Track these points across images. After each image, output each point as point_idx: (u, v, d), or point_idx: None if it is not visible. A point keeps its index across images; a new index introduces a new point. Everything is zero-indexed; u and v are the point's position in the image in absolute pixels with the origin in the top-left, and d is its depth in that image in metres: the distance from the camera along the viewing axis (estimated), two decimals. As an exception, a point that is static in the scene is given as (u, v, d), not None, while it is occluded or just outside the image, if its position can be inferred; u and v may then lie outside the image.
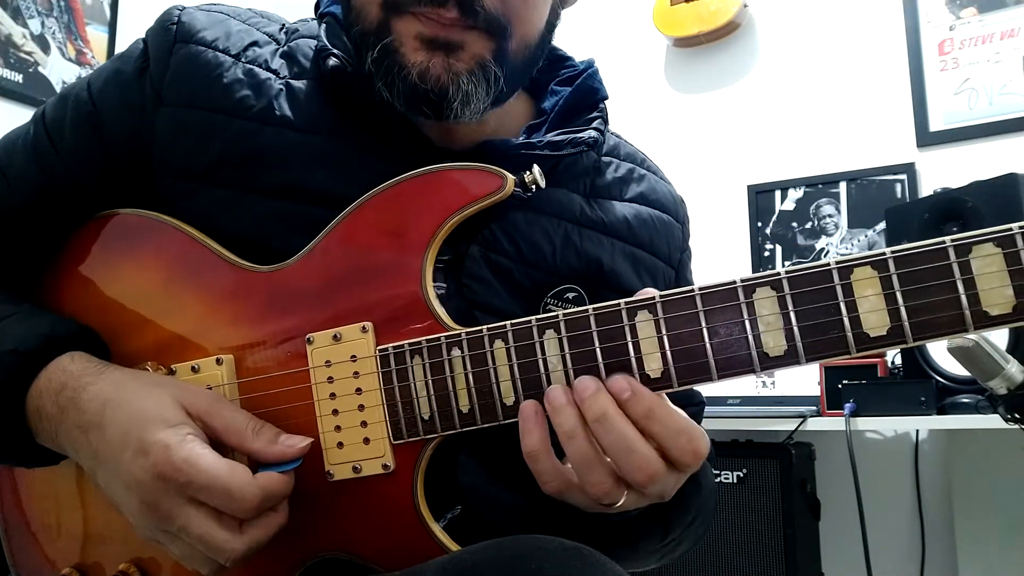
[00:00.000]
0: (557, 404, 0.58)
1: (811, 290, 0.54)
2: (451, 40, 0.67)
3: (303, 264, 0.68)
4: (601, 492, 0.59)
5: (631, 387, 0.57)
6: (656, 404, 0.57)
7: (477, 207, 0.65)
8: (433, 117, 0.70)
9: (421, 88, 0.67)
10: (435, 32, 0.67)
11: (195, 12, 0.77)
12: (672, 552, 0.79)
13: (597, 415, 0.57)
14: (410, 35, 0.67)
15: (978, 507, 2.04)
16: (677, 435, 0.58)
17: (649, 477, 0.57)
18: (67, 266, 0.77)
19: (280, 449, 0.62)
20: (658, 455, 0.58)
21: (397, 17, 0.67)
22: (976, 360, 0.91)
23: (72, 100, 0.76)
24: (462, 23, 0.67)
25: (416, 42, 0.67)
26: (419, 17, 0.67)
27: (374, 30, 0.69)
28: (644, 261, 0.80)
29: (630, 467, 0.57)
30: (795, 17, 2.63)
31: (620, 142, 0.87)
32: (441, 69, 0.67)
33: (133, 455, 0.59)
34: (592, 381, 0.58)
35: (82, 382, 0.65)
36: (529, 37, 0.72)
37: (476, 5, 0.66)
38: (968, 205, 1.81)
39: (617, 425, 0.57)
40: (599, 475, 0.58)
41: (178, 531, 0.59)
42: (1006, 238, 0.50)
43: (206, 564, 0.60)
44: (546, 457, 0.59)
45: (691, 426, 0.59)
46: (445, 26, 0.67)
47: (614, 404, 0.57)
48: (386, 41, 0.68)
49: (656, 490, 0.59)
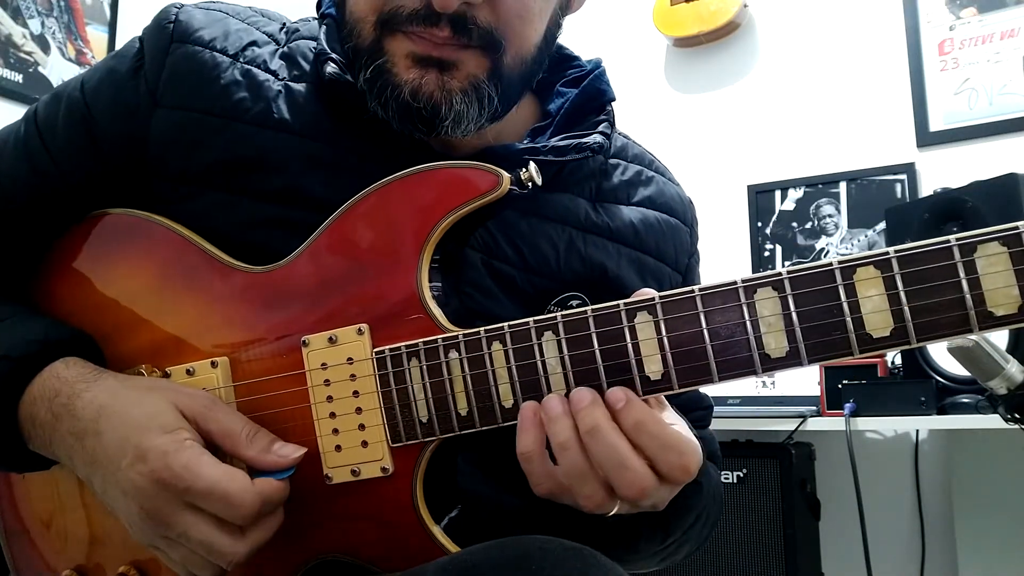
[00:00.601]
0: (553, 414, 0.57)
1: (813, 290, 0.54)
2: (444, 59, 0.67)
3: (297, 265, 0.67)
4: (592, 505, 0.58)
5: (626, 398, 0.57)
6: (647, 417, 0.57)
7: (473, 206, 0.64)
8: (426, 133, 0.69)
9: (414, 106, 0.67)
10: (427, 51, 0.67)
11: (193, 11, 0.76)
12: (675, 554, 0.78)
13: (589, 427, 0.56)
14: (402, 54, 0.67)
15: (978, 507, 2.03)
16: (665, 450, 0.57)
17: (640, 492, 0.57)
18: (58, 267, 0.76)
19: (273, 459, 0.62)
20: (650, 469, 0.57)
21: (390, 36, 0.67)
22: (976, 360, 0.90)
23: (65, 99, 0.75)
24: (456, 41, 0.66)
25: (408, 60, 0.67)
26: (411, 36, 0.66)
27: (367, 48, 0.68)
28: (650, 267, 0.79)
29: (621, 482, 0.57)
30: (795, 17, 2.63)
31: (628, 143, 0.86)
32: (434, 86, 0.67)
33: (131, 462, 0.59)
34: (588, 393, 0.57)
35: (76, 389, 0.64)
36: (525, 51, 0.71)
37: (469, 23, 0.65)
38: (968, 205, 1.80)
39: (609, 438, 0.56)
40: (591, 488, 0.58)
41: (178, 537, 0.59)
42: (1012, 237, 0.49)
43: (207, 568, 0.60)
44: (539, 459, 0.59)
45: (681, 441, 0.58)
46: (438, 45, 0.66)
47: (608, 417, 0.57)
48: (379, 61, 0.68)
49: (648, 503, 0.59)
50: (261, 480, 0.60)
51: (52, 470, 0.72)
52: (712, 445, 0.85)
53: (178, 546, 0.60)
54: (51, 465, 0.70)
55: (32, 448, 0.67)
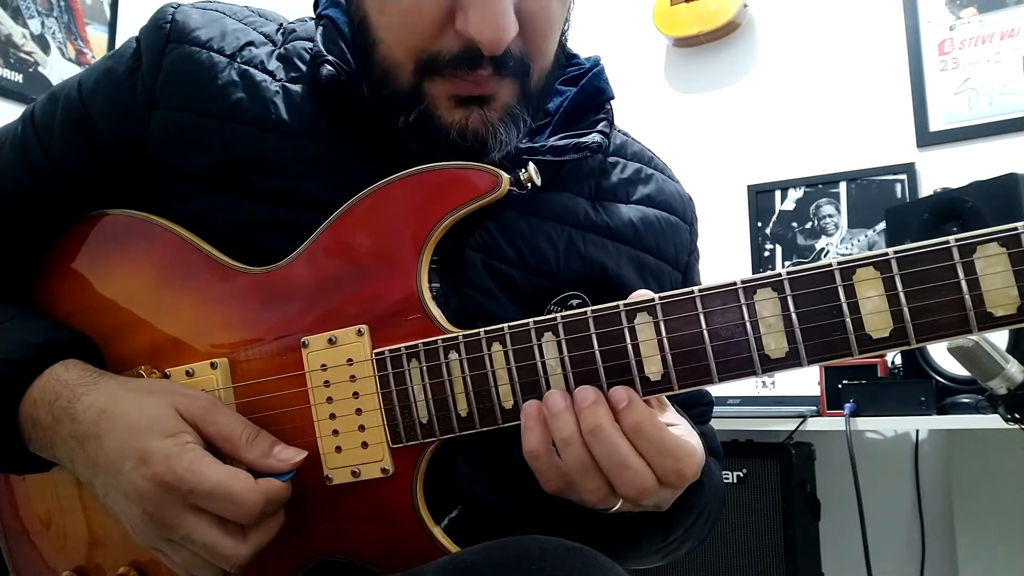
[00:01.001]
0: (556, 410, 0.57)
1: (813, 291, 0.54)
2: (485, 95, 0.67)
3: (296, 265, 0.67)
4: (596, 499, 0.58)
5: (629, 398, 0.57)
6: (645, 420, 0.57)
7: (473, 206, 0.64)
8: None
9: (461, 144, 0.67)
10: (470, 91, 0.67)
11: (190, 11, 0.75)
12: (677, 550, 0.78)
13: (591, 427, 0.56)
14: (443, 96, 0.67)
15: (978, 507, 2.03)
16: (662, 455, 0.57)
17: (640, 492, 0.57)
18: (57, 268, 0.76)
19: (273, 463, 0.62)
20: (650, 471, 0.57)
21: (430, 80, 0.67)
22: (976, 360, 0.90)
23: (62, 99, 0.75)
24: (494, 76, 0.66)
25: (451, 103, 0.67)
26: (452, 80, 0.66)
27: (406, 92, 0.68)
28: (650, 265, 0.79)
29: (622, 481, 0.57)
30: (795, 17, 2.63)
31: (627, 140, 0.86)
32: (479, 123, 0.67)
33: (134, 465, 0.59)
34: (592, 391, 0.57)
35: (77, 392, 0.64)
36: (547, 64, 0.71)
37: (508, 58, 0.65)
38: (968, 205, 1.80)
39: (610, 438, 0.56)
40: (595, 482, 0.58)
41: (181, 540, 0.59)
42: (1011, 238, 0.49)
43: (208, 570, 0.60)
44: (547, 456, 0.59)
45: (679, 446, 0.58)
46: (479, 84, 0.66)
47: (610, 417, 0.57)
48: (422, 107, 0.67)
49: (651, 502, 0.59)
50: (265, 480, 0.61)
51: (52, 471, 0.72)
52: (713, 441, 0.85)
53: (181, 548, 0.60)
54: (51, 467, 0.70)
55: (32, 450, 0.67)
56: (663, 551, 0.77)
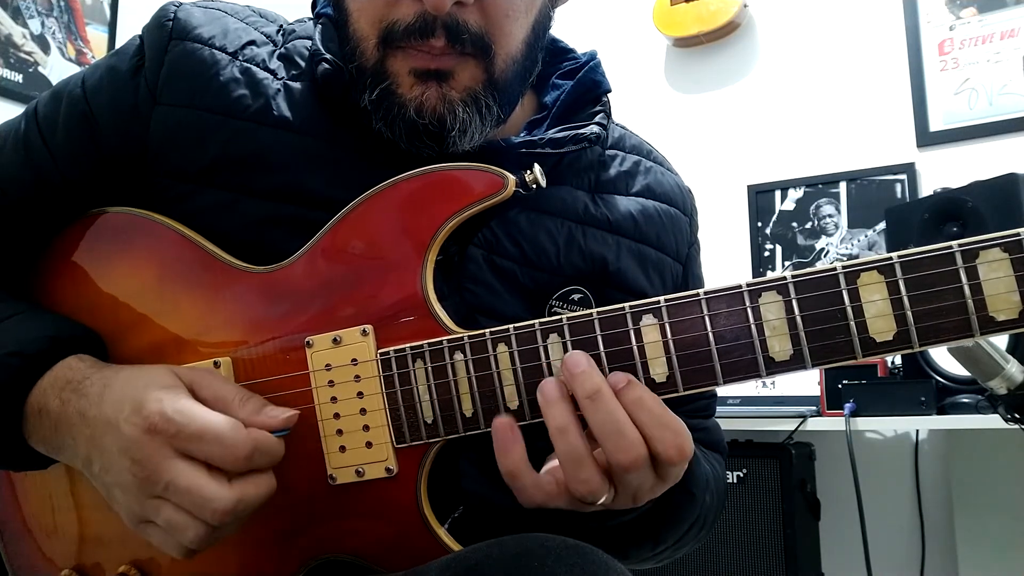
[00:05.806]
0: (551, 398, 0.58)
1: (817, 295, 0.54)
2: (441, 69, 0.68)
3: (300, 265, 0.68)
4: (587, 491, 0.58)
5: (628, 379, 0.57)
6: (647, 395, 0.57)
7: (478, 208, 0.64)
8: (436, 149, 0.70)
9: (420, 123, 0.68)
10: (426, 63, 0.67)
11: (192, 9, 0.76)
12: (672, 555, 0.79)
13: (590, 392, 0.56)
14: (404, 72, 0.68)
15: (978, 507, 2.04)
16: (663, 428, 0.57)
17: (633, 461, 0.57)
18: (58, 266, 0.76)
19: (264, 419, 0.62)
20: (644, 444, 0.57)
21: (392, 54, 0.68)
22: (976, 360, 0.90)
23: (66, 97, 0.75)
24: (450, 51, 0.67)
25: (411, 78, 0.68)
26: (410, 52, 0.67)
27: (371, 69, 0.69)
28: (651, 258, 0.79)
29: (616, 447, 0.57)
30: (795, 17, 2.63)
31: (625, 133, 0.86)
32: (436, 99, 0.68)
33: (128, 415, 0.59)
34: (583, 356, 0.58)
35: (87, 374, 0.65)
36: (514, 50, 0.71)
37: (462, 31, 0.66)
38: (968, 205, 1.80)
39: (609, 404, 0.56)
40: (587, 472, 0.58)
41: (164, 490, 0.58)
42: (1013, 243, 0.50)
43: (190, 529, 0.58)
44: (527, 472, 0.59)
45: (679, 424, 0.58)
46: (435, 56, 0.67)
47: (607, 383, 0.57)
48: (384, 84, 0.68)
49: (635, 481, 0.59)
50: (254, 428, 0.61)
51: (51, 469, 0.72)
52: (717, 435, 0.86)
53: (163, 506, 0.58)
54: (48, 464, 0.70)
55: (31, 443, 0.67)
56: (655, 558, 0.78)
